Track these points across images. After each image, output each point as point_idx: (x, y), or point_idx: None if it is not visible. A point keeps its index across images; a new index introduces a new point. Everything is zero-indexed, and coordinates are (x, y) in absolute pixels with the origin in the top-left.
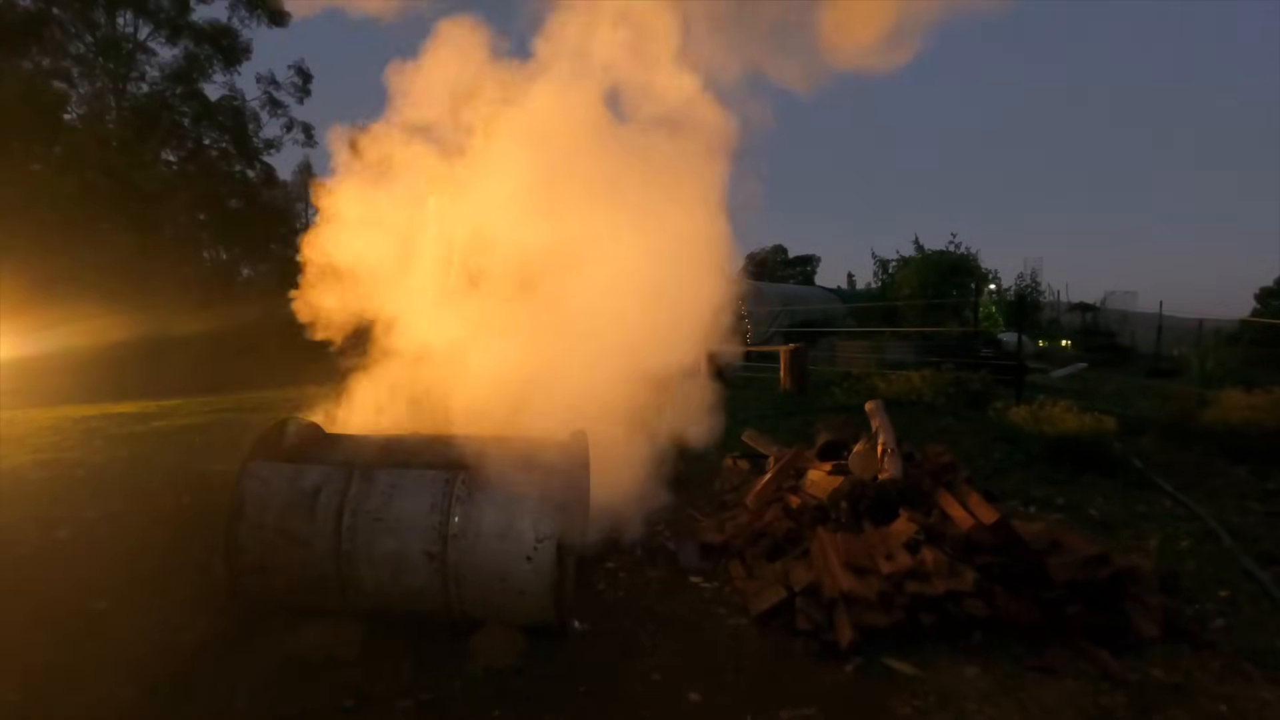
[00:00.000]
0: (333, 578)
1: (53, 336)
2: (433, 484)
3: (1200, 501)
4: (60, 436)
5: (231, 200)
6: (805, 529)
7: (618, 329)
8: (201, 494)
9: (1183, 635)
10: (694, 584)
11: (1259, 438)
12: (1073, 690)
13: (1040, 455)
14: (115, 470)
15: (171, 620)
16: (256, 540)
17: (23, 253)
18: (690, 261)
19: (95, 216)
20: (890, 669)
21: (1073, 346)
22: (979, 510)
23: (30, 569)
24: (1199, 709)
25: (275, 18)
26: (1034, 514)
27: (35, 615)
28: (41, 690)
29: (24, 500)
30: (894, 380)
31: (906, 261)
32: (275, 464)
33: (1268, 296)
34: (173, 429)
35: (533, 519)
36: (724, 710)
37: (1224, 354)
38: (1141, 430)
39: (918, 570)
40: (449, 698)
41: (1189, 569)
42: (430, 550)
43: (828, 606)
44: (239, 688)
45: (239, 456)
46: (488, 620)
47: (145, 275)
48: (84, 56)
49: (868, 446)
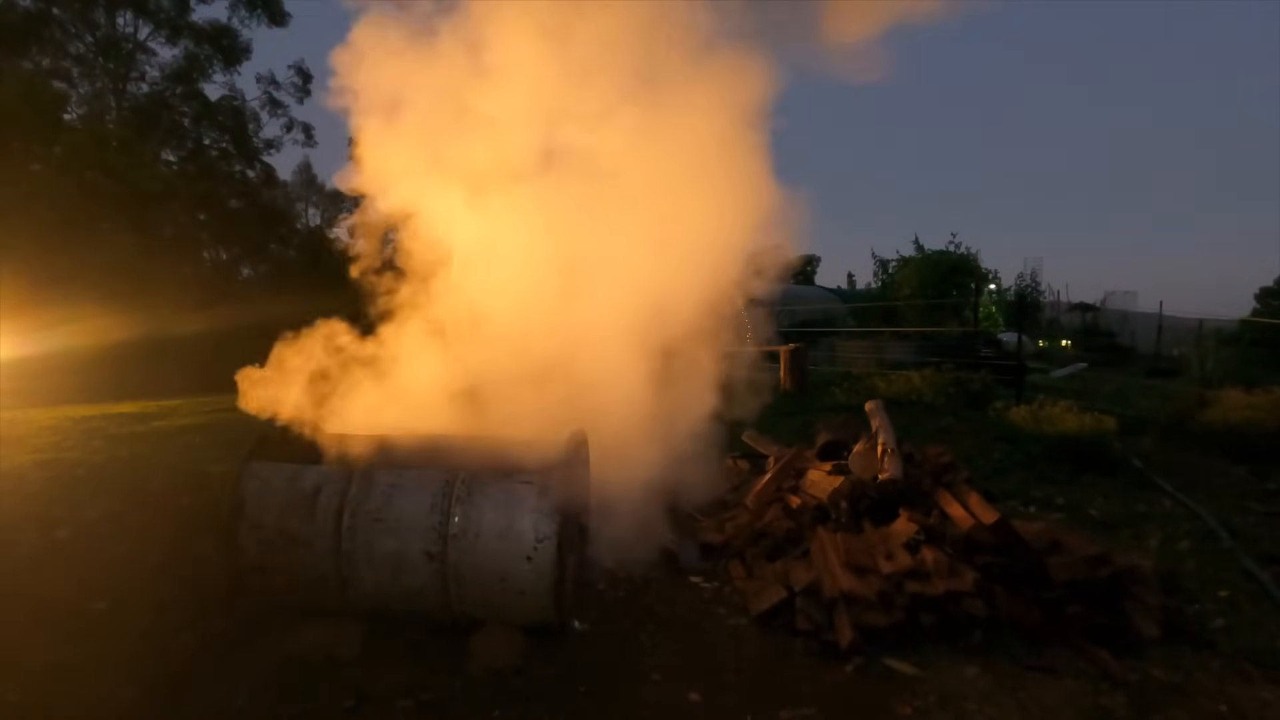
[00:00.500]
0: (333, 578)
1: (53, 336)
2: (433, 484)
3: (1200, 501)
4: (60, 436)
5: (231, 200)
6: (805, 529)
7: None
8: (201, 494)
9: (1183, 635)
10: (694, 584)
11: (1259, 438)
12: (1073, 690)
13: (1040, 455)
14: (115, 470)
15: (171, 620)
16: (256, 540)
17: (23, 253)
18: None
19: (95, 216)
20: (890, 669)
21: (1073, 346)
22: (979, 510)
23: (30, 569)
24: (1199, 709)
25: (275, 18)
26: (1034, 514)
27: (35, 615)
28: (41, 690)
29: (24, 500)
30: (894, 380)
31: (906, 261)
32: (275, 464)
33: (1268, 296)
34: (173, 429)
35: (533, 519)
36: (724, 710)
37: (1224, 354)
38: (1141, 430)
39: (918, 570)
40: (449, 698)
41: (1189, 569)
42: (430, 550)
43: (828, 606)
44: (239, 688)
45: (239, 456)
46: (488, 620)
47: (145, 275)
48: (84, 56)
49: (868, 446)
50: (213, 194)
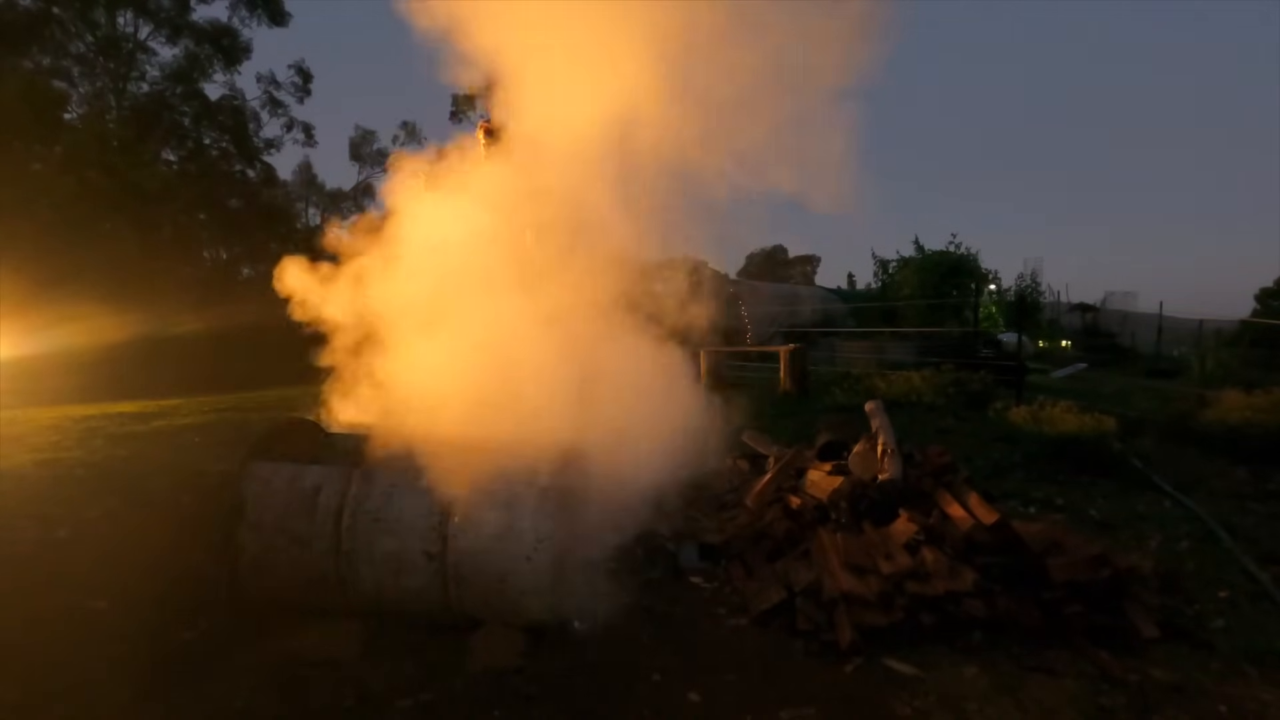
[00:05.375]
0: (332, 577)
1: (53, 336)
2: (433, 484)
3: (1200, 501)
4: (60, 436)
5: (231, 200)
6: (805, 529)
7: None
8: (201, 494)
9: (1183, 635)
10: (694, 584)
11: (1259, 438)
12: (1073, 690)
13: (1040, 455)
14: (115, 470)
15: (171, 620)
16: (256, 540)
17: (23, 253)
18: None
19: (95, 216)
20: (890, 669)
21: (1073, 347)
22: (979, 510)
23: (30, 569)
24: (1199, 709)
25: (275, 18)
26: (1034, 514)
27: (35, 615)
28: (41, 690)
29: (24, 500)
30: (894, 380)
31: (906, 261)
32: (275, 464)
33: (1268, 297)
34: (173, 429)
35: (533, 519)
36: (724, 710)
37: (1224, 354)
38: (1141, 430)
39: (918, 570)
40: (449, 698)
41: (1189, 569)
42: (430, 550)
43: (828, 607)
44: (239, 688)
45: (239, 456)
46: (488, 620)
47: (145, 275)
48: (84, 56)
49: (868, 447)
50: (213, 194)
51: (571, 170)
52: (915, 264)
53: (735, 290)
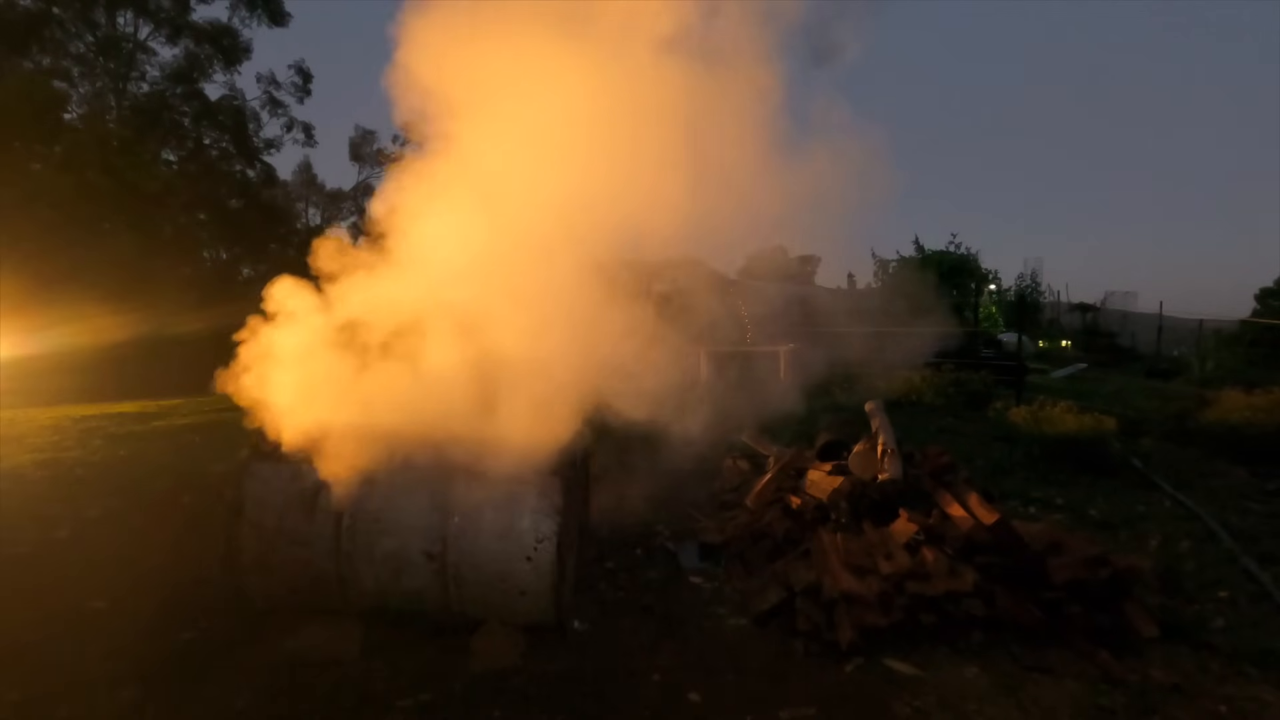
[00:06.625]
0: (333, 577)
1: (53, 336)
2: (433, 484)
3: (1200, 501)
4: (60, 436)
5: (231, 200)
6: (805, 529)
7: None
8: (201, 494)
9: (1183, 635)
10: (694, 584)
11: (1259, 438)
12: (1073, 690)
13: (1040, 455)
14: (115, 470)
15: (171, 620)
16: (256, 540)
17: (23, 253)
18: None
19: (95, 216)
20: (890, 669)
21: (1073, 347)
22: (979, 510)
23: (30, 569)
24: (1199, 709)
25: (275, 18)
26: (1034, 514)
27: (35, 615)
28: (42, 690)
29: (24, 500)
30: (894, 380)
31: (906, 261)
32: (275, 464)
33: (1267, 297)
34: (173, 429)
35: (533, 519)
36: (724, 710)
37: (1224, 354)
38: (1141, 430)
39: (918, 570)
40: (449, 698)
41: (1189, 569)
42: (430, 550)
43: (828, 606)
44: (239, 688)
45: (239, 456)
46: (488, 620)
47: (145, 275)
48: (84, 56)
49: (868, 446)
50: (213, 194)
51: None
52: (915, 264)
53: (735, 290)
